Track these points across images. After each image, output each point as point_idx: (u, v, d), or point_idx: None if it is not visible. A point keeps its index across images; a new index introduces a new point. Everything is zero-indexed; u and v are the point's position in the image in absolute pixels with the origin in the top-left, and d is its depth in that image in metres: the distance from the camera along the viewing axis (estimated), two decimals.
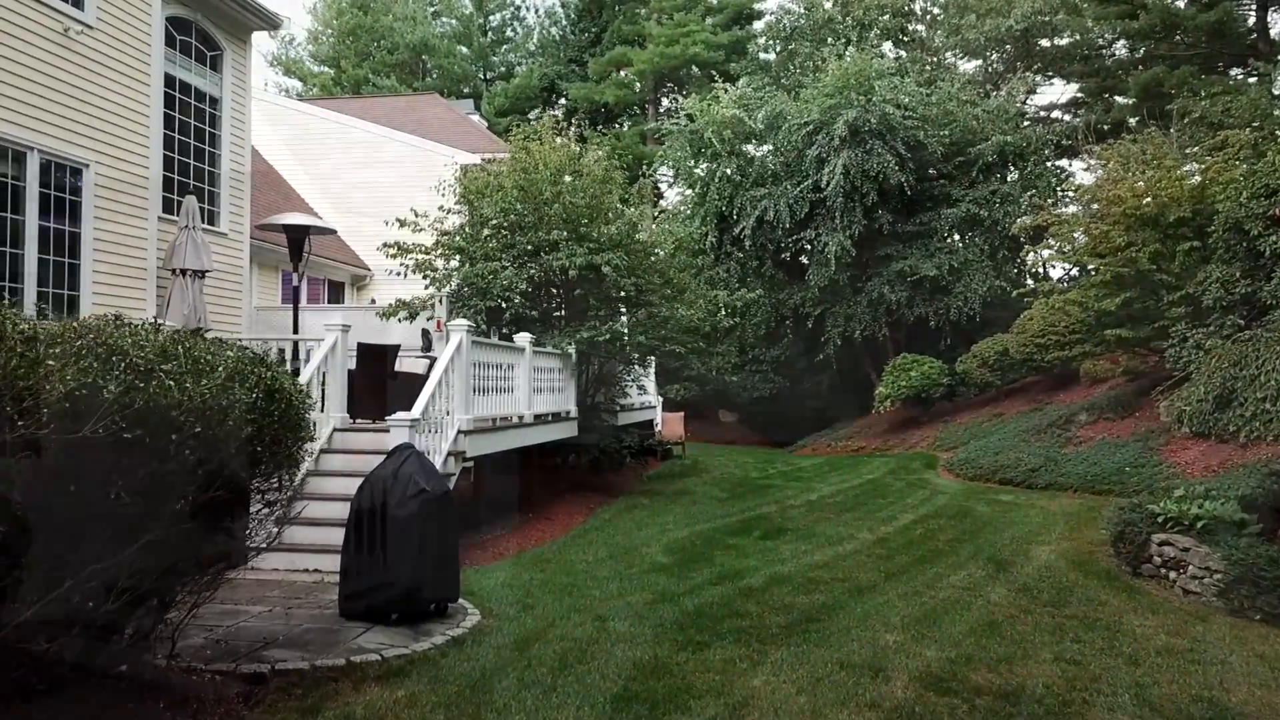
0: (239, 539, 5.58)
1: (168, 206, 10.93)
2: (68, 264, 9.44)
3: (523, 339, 11.85)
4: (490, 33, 48.75)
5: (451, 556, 7.07)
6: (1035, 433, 16.34)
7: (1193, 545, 8.08)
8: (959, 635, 6.66)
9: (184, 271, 10.10)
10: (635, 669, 5.79)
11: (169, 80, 11.05)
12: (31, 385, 3.74)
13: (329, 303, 17.97)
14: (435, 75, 45.54)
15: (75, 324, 4.23)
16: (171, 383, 4.03)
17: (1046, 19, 27.72)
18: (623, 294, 13.73)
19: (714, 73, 32.02)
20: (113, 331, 4.23)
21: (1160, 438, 13.59)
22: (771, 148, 25.92)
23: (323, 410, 9.38)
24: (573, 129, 15.11)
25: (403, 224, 13.47)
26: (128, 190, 10.26)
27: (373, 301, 17.84)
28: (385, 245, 13.44)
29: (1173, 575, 8.21)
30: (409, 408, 8.65)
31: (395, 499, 6.81)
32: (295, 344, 10.08)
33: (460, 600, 7.16)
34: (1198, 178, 15.39)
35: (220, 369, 4.35)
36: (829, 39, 31.85)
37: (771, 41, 37.44)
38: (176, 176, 11.23)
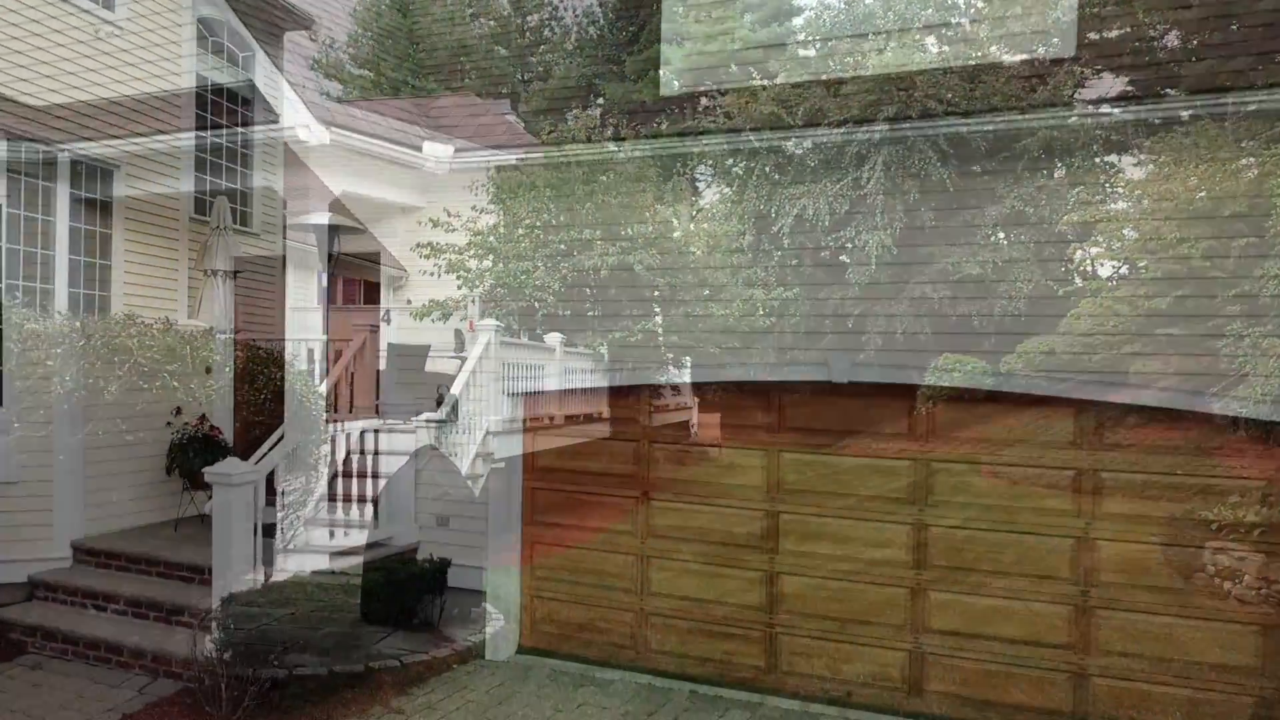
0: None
1: (199, 207, 10.96)
2: (99, 265, 9.44)
3: (553, 339, 11.75)
4: (528, 33, 48.95)
5: (476, 559, 6.97)
6: (1083, 435, 15.87)
7: (1249, 554, 7.72)
8: (999, 647, 6.40)
9: (215, 272, 10.09)
10: (660, 676, 5.63)
11: (200, 80, 11.10)
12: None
13: (364, 303, 18.02)
14: (473, 76, 45.80)
15: (80, 323, 4.15)
16: (176, 384, 3.93)
17: (1095, 10, 27.10)
18: (656, 293, 13.57)
19: (752, 69, 31.77)
20: (119, 331, 4.14)
21: (1215, 440, 13.10)
22: (811, 145, 25.60)
23: (351, 411, 9.32)
24: (608, 129, 15.00)
25: (435, 224, 13.45)
26: (159, 191, 10.30)
27: (408, 302, 17.84)
28: (419, 245, 13.42)
29: (1227, 585, 7.84)
30: (436, 409, 8.56)
31: (418, 502, 6.73)
32: (325, 344, 10.06)
33: (485, 604, 7.05)
34: (1255, 171, 14.84)
35: (228, 370, 4.25)
36: (870, 34, 31.46)
37: (811, 37, 37.08)
38: (209, 177, 11.26)
